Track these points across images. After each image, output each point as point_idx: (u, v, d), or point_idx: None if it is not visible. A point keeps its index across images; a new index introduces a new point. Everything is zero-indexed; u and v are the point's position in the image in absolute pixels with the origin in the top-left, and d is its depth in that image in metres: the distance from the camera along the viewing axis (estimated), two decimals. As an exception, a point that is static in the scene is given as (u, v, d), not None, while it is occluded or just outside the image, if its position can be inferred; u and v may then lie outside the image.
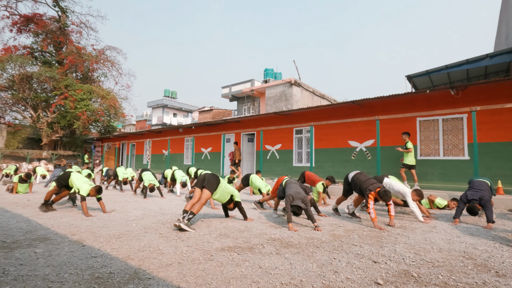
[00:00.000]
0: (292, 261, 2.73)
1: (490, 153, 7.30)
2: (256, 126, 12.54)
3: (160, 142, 17.32)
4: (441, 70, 13.53)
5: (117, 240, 3.44)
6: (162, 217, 4.90)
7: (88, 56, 22.88)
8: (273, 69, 24.06)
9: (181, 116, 43.94)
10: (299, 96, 17.22)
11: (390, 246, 3.29)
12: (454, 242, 3.49)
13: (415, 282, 2.29)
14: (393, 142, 8.86)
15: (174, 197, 7.83)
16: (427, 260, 2.81)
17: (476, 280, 2.32)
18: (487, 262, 2.75)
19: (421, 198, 4.85)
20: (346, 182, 5.09)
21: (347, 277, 2.37)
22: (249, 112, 23.92)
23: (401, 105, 8.79)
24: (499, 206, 6.18)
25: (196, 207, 4.16)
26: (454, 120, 7.95)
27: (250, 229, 4.10)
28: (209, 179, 4.39)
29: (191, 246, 3.22)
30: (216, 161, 14.00)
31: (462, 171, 7.65)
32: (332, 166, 10.15)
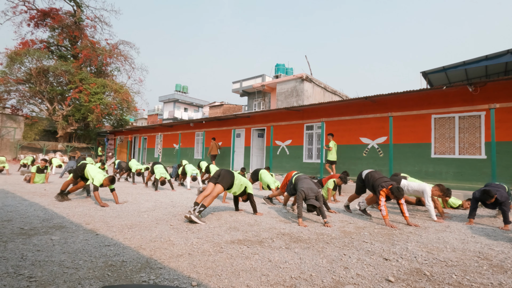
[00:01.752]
0: (301, 256, 2.73)
1: (509, 152, 7.06)
2: (267, 122, 12.50)
3: (171, 136, 17.52)
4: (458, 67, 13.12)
5: (130, 230, 3.51)
6: (173, 209, 4.97)
7: (102, 50, 23.24)
8: (284, 64, 23.86)
9: (192, 111, 44.27)
10: (310, 92, 17.04)
11: (402, 244, 3.24)
12: (469, 242, 3.41)
13: (427, 280, 2.25)
14: (406, 139, 8.68)
15: (184, 190, 7.93)
16: (440, 259, 2.76)
17: (491, 281, 2.26)
18: (503, 263, 2.68)
19: (445, 194, 4.68)
20: (359, 179, 5.03)
21: (357, 273, 2.35)
22: (259, 107, 23.86)
23: (416, 101, 8.58)
24: (517, 207, 5.98)
25: (208, 200, 4.21)
26: (471, 118, 7.71)
27: (260, 223, 4.11)
28: (224, 175, 4.45)
29: (201, 238, 3.25)
30: (226, 156, 14.06)
31: (478, 170, 7.44)
32: (343, 163, 10.04)
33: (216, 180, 4.43)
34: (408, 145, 8.65)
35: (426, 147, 8.33)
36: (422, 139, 8.41)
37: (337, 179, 6.22)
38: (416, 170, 8.42)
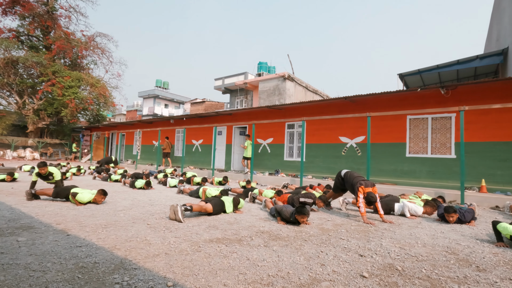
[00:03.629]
0: (280, 254, 2.75)
1: (476, 153, 7.48)
2: (249, 120, 12.49)
3: (151, 133, 17.09)
4: (432, 70, 13.70)
5: (104, 230, 3.38)
6: (151, 208, 4.85)
7: (77, 42, 22.20)
8: (267, 62, 23.92)
9: (173, 107, 43.41)
10: (292, 91, 17.20)
11: (377, 240, 3.35)
12: (438, 237, 3.58)
13: (399, 275, 2.33)
14: (383, 139, 8.97)
15: (163, 188, 7.76)
16: (412, 254, 2.87)
17: (457, 274, 2.38)
18: (468, 257, 2.83)
19: (435, 209, 4.87)
20: (339, 177, 5.21)
21: (333, 270, 2.40)
22: (241, 105, 23.80)
23: (393, 102, 8.88)
24: (483, 204, 6.36)
25: (196, 206, 4.27)
26: (443, 119, 8.09)
27: (240, 222, 4.10)
28: (217, 203, 4.56)
29: (179, 237, 3.20)
30: (207, 154, 13.92)
31: (449, 169, 7.83)
32: (323, 161, 10.24)
33: (210, 201, 4.57)
34: (385, 145, 8.95)
35: (401, 146, 8.66)
36: (398, 138, 8.73)
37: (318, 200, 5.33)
38: (392, 168, 8.73)
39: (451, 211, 4.33)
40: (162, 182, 8.73)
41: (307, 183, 8.76)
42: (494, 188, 7.15)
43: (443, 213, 4.45)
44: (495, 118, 7.30)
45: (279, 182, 9.71)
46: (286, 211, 4.14)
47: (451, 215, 4.32)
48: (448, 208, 4.39)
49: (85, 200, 4.89)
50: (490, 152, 7.35)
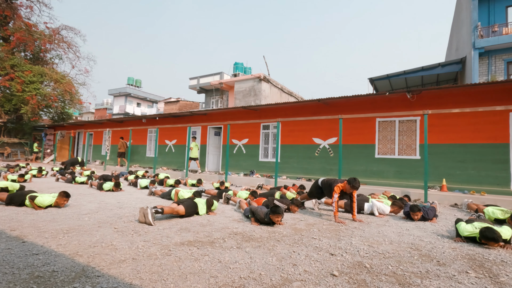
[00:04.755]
0: (252, 255, 2.73)
1: (438, 154, 7.98)
2: (224, 120, 12.38)
3: (121, 133, 16.39)
4: (399, 75, 14.46)
5: (65, 235, 3.16)
6: (119, 211, 4.62)
7: (40, 34, 20.74)
8: (243, 63, 23.91)
9: (146, 106, 42.02)
10: (268, 92, 17.32)
11: (347, 239, 3.44)
12: (404, 234, 3.75)
13: (367, 272, 2.41)
14: (354, 140, 9.29)
15: (134, 190, 7.46)
16: (379, 251, 2.98)
17: (420, 269, 2.50)
18: (430, 253, 2.99)
19: (401, 208, 5.07)
20: (316, 186, 5.20)
21: (305, 270, 2.42)
22: (217, 105, 23.57)
23: (363, 105, 9.23)
24: (443, 202, 6.79)
25: (167, 208, 4.14)
26: (409, 122, 8.55)
27: (213, 223, 4.03)
28: (190, 205, 4.47)
29: (148, 241, 3.07)
30: (180, 154, 13.60)
31: (414, 170, 8.27)
32: (297, 162, 10.40)
33: (183, 203, 4.45)
34: (355, 146, 9.28)
35: (371, 147, 9.02)
36: (367, 140, 9.09)
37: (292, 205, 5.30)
38: (362, 169, 9.06)
39: (416, 210, 4.57)
40: (133, 183, 8.39)
41: (281, 183, 8.85)
42: (453, 187, 7.67)
43: (409, 212, 4.69)
44: (454, 122, 7.84)
45: (254, 182, 9.71)
46: (261, 211, 4.14)
47: (416, 213, 4.56)
48: (413, 206, 4.63)
49: (45, 203, 4.56)
50: (450, 154, 7.87)
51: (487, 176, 7.42)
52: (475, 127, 7.60)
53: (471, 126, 7.65)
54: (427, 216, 4.59)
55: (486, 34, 12.83)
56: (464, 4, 14.69)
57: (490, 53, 12.83)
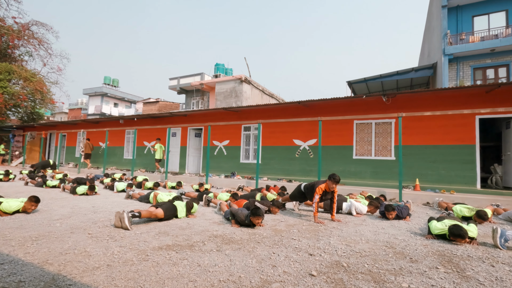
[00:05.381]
0: (232, 258, 2.71)
1: (412, 155, 8.34)
2: (205, 121, 12.26)
3: (97, 134, 15.79)
4: (376, 79, 14.98)
5: (34, 243, 3.00)
6: (94, 216, 4.44)
7: (8, 29, 19.55)
8: (224, 64, 23.81)
9: (123, 107, 40.74)
10: (249, 94, 17.35)
11: (326, 239, 3.51)
12: (380, 233, 3.88)
13: (344, 271, 2.47)
14: (333, 142, 9.51)
15: (110, 194, 7.20)
16: (356, 250, 3.06)
17: (394, 267, 2.60)
18: (404, 250, 3.11)
19: (377, 207, 5.20)
20: (299, 191, 5.24)
21: (284, 271, 2.44)
22: (198, 106, 23.31)
23: (342, 108, 9.47)
24: (416, 201, 7.10)
25: (144, 212, 4.03)
26: (385, 124, 8.87)
27: (192, 226, 3.97)
28: (169, 207, 4.39)
29: (124, 246, 2.97)
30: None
31: (390, 170, 8.59)
32: (278, 163, 10.48)
33: (161, 206, 4.36)
34: (334, 147, 9.50)
35: (349, 149, 9.27)
36: (346, 142, 9.33)
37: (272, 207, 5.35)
38: (341, 170, 9.28)
39: (390, 209, 4.75)
40: (109, 186, 8.10)
41: (262, 184, 8.88)
42: (426, 186, 8.04)
43: (384, 211, 4.86)
44: (426, 124, 8.23)
45: (235, 184, 9.68)
46: (241, 213, 4.13)
47: (390, 212, 4.73)
48: (388, 206, 4.81)
49: (12, 209, 4.29)
50: (422, 155, 8.25)
51: (456, 175, 7.84)
52: (445, 129, 8.02)
53: (441, 128, 8.06)
54: (401, 215, 4.77)
55: (454, 41, 13.60)
56: (435, 12, 15.50)
57: (458, 59, 13.60)
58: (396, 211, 4.78)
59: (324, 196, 4.71)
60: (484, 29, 13.55)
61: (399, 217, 4.80)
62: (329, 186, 4.58)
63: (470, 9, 13.94)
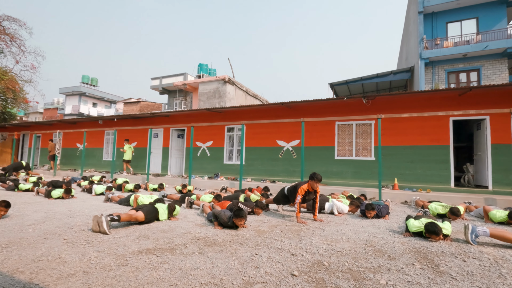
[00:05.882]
0: (214, 260, 2.69)
1: (391, 155, 8.61)
2: (187, 122, 12.10)
3: (74, 135, 15.21)
4: (357, 81, 15.36)
5: (4, 250, 2.84)
6: (70, 220, 4.27)
7: (-24, 24, 18.47)
8: (207, 64, 23.63)
9: (103, 107, 39.50)
10: (232, 94, 17.30)
11: (308, 239, 3.55)
12: (360, 232, 3.98)
13: (325, 270, 2.50)
14: (316, 143, 9.66)
15: (88, 197, 6.95)
16: (337, 249, 3.12)
17: (373, 264, 2.67)
18: (382, 248, 3.21)
19: (358, 207, 5.33)
20: (282, 194, 5.25)
21: (266, 272, 2.44)
22: (180, 107, 22.98)
23: (324, 109, 9.64)
24: (395, 200, 7.33)
25: (124, 216, 3.92)
26: (365, 125, 9.11)
27: (174, 229, 3.91)
28: (149, 210, 4.30)
29: (102, 251, 2.87)
30: (141, 157, 12.99)
31: (370, 170, 8.83)
32: (262, 164, 10.51)
33: (142, 209, 4.26)
34: (317, 148, 9.65)
35: (331, 150, 9.45)
36: (328, 142, 9.51)
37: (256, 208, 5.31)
38: (323, 170, 9.44)
39: (370, 208, 4.88)
40: (87, 189, 7.82)
41: (246, 186, 8.87)
42: (404, 186, 8.33)
43: (364, 210, 4.99)
44: (404, 125, 8.53)
45: (219, 185, 9.61)
46: (224, 215, 4.10)
47: (370, 211, 4.86)
48: (368, 205, 4.94)
49: None
50: (400, 155, 8.54)
51: (432, 175, 8.17)
52: (421, 130, 8.34)
53: (418, 130, 8.38)
54: (380, 214, 4.92)
55: (430, 46, 14.20)
56: (412, 18, 16.11)
57: (434, 63, 14.21)
58: (376, 210, 4.92)
59: (307, 196, 4.74)
60: (457, 35, 14.24)
61: (378, 216, 4.93)
62: (311, 185, 4.60)
63: (444, 15, 14.61)
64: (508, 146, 7.46)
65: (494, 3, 13.64)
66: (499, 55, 13.16)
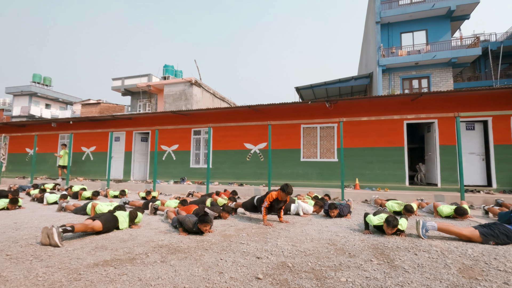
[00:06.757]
0: (177, 268, 2.60)
1: (352, 156, 9.05)
2: (152, 125, 11.66)
3: (23, 139, 13.88)
4: (321, 86, 15.94)
5: None
6: (15, 233, 3.87)
7: None
8: (173, 66, 23.00)
9: (57, 108, 36.65)
10: (199, 97, 17.04)
11: (273, 241, 3.58)
12: (323, 231, 4.11)
13: (289, 272, 2.54)
14: (282, 145, 9.84)
15: (38, 207, 6.38)
16: (301, 250, 3.19)
17: (335, 263, 2.77)
18: (344, 246, 3.34)
19: (322, 207, 5.47)
20: (252, 204, 5.17)
21: (231, 277, 2.42)
22: (145, 109, 22.10)
23: (290, 112, 9.87)
24: (356, 199, 7.71)
25: (79, 226, 3.63)
26: (328, 128, 9.49)
27: (136, 237, 3.72)
28: (107, 219, 4.04)
29: (52, 266, 2.64)
30: (101, 162, 12.25)
31: (333, 171, 9.19)
32: (229, 167, 10.45)
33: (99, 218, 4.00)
34: (283, 150, 9.83)
35: (297, 152, 9.69)
36: (294, 145, 9.74)
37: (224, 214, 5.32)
38: (289, 172, 9.64)
39: (332, 208, 5.08)
40: (37, 198, 7.17)
41: (213, 189, 8.75)
42: (364, 185, 8.79)
43: (328, 210, 5.17)
44: (364, 128, 9.02)
45: (185, 190, 9.37)
46: (189, 221, 4.00)
47: (332, 210, 5.06)
48: (330, 204, 5.14)
49: None
50: (361, 156, 9.01)
51: (389, 174, 8.73)
52: (379, 132, 8.89)
53: (376, 132, 8.91)
54: (342, 213, 5.13)
55: (387, 54, 15.24)
56: (370, 27, 17.18)
57: (390, 70, 15.25)
58: (338, 209, 5.12)
59: (276, 205, 4.64)
60: (410, 45, 15.45)
61: (340, 215, 5.15)
62: (281, 195, 4.54)
63: (398, 26, 15.79)
64: (453, 147, 8.22)
65: (440, 17, 15.04)
66: (445, 64, 14.52)
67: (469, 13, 14.97)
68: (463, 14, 15.08)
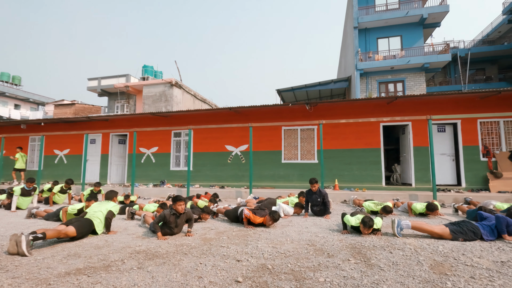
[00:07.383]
0: (154, 274, 2.54)
1: (331, 158, 9.25)
2: (130, 127, 11.33)
3: (-11, 141, 13.02)
4: (301, 88, 16.19)
5: None
6: (-22, 243, 3.62)
7: None
8: (153, 66, 22.52)
9: (28, 109, 34.77)
10: (180, 98, 16.77)
11: (254, 243, 3.58)
12: (303, 232, 4.16)
13: (269, 274, 2.55)
14: (264, 147, 9.88)
15: (6, 213, 6.01)
16: (281, 252, 3.21)
17: (314, 263, 2.81)
18: (323, 247, 3.40)
19: (302, 208, 5.69)
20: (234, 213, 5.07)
21: (210, 281, 2.39)
22: (123, 110, 21.44)
23: (271, 114, 9.93)
24: (336, 199, 7.87)
25: (49, 232, 3.45)
26: (309, 130, 9.64)
27: (111, 244, 3.59)
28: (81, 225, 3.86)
29: (19, 276, 2.49)
30: (75, 166, 11.74)
31: (313, 172, 9.33)
32: (210, 169, 10.35)
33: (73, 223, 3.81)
34: (265, 152, 9.87)
35: (278, 154, 9.76)
36: (275, 147, 9.81)
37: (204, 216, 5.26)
38: (271, 174, 9.69)
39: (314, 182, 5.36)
40: (5, 205, 6.75)
41: (194, 192, 8.63)
42: (343, 186, 9.00)
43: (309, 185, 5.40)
44: (342, 130, 9.25)
45: (165, 193, 9.17)
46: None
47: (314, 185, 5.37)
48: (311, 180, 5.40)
49: None
50: (340, 157, 9.23)
51: (367, 175, 9.00)
52: (357, 135, 9.15)
53: (354, 134, 9.16)
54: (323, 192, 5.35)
55: (364, 58, 15.73)
56: (348, 31, 17.67)
57: (367, 74, 15.75)
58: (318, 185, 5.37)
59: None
60: (386, 50, 16.05)
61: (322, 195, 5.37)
62: (266, 220, 4.54)
63: (375, 32, 16.35)
64: (426, 148, 8.61)
65: (413, 24, 15.75)
66: (419, 69, 15.20)
67: (439, 21, 15.78)
68: (435, 22, 15.87)
